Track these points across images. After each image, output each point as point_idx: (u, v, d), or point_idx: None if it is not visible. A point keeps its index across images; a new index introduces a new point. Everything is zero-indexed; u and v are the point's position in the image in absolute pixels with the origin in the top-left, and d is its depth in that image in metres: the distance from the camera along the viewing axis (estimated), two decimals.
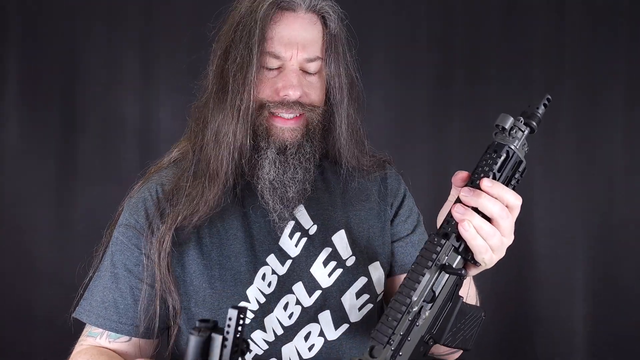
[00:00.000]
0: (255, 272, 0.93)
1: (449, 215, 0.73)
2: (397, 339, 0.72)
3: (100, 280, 0.94)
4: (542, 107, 0.77)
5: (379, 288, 0.99)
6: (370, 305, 0.96)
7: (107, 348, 0.93)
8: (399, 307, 0.71)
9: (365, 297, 0.96)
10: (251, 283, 0.92)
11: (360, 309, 0.96)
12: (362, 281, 0.96)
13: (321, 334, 0.93)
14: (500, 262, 0.76)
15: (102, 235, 1.00)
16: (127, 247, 0.93)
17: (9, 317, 2.02)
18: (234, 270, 0.92)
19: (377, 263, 0.99)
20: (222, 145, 0.90)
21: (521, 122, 0.75)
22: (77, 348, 0.95)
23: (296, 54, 0.90)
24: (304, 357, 0.92)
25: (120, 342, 0.93)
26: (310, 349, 0.92)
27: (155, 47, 2.07)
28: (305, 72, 0.93)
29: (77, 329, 0.97)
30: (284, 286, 0.93)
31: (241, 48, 0.89)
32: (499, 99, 2.11)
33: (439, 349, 0.99)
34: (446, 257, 0.73)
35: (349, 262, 0.97)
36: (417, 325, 0.73)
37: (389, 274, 1.03)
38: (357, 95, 1.00)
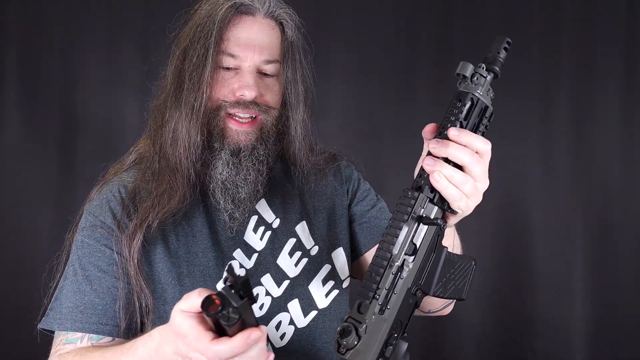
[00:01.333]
0: (224, 266, 0.94)
1: (422, 169, 0.74)
2: (383, 294, 0.74)
3: (70, 286, 0.91)
4: (503, 51, 0.78)
5: (343, 274, 1.02)
6: (336, 291, 1.00)
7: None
8: (381, 262, 0.74)
9: (331, 283, 1.00)
10: (220, 277, 0.93)
11: (327, 295, 0.99)
12: (326, 268, 1.00)
13: (291, 322, 0.95)
14: (500, 263, 0.77)
15: None
16: (96, 249, 0.91)
17: (9, 317, 2.02)
18: (202, 266, 0.93)
19: (340, 249, 1.03)
20: (179, 142, 0.92)
21: (483, 68, 0.76)
22: (56, 358, 0.89)
23: (253, 55, 0.93)
24: (277, 347, 0.94)
25: (104, 344, 0.89)
26: (281, 337, 0.94)
27: (156, 47, 2.07)
28: (262, 74, 0.95)
29: (44, 340, 0.93)
30: (252, 279, 0.95)
31: (198, 48, 0.91)
32: (498, 98, 2.11)
33: (435, 304, 1.00)
34: (422, 209, 0.74)
35: (313, 252, 1.01)
36: (402, 279, 0.75)
37: (357, 255, 1.07)
38: (311, 102, 1.03)
